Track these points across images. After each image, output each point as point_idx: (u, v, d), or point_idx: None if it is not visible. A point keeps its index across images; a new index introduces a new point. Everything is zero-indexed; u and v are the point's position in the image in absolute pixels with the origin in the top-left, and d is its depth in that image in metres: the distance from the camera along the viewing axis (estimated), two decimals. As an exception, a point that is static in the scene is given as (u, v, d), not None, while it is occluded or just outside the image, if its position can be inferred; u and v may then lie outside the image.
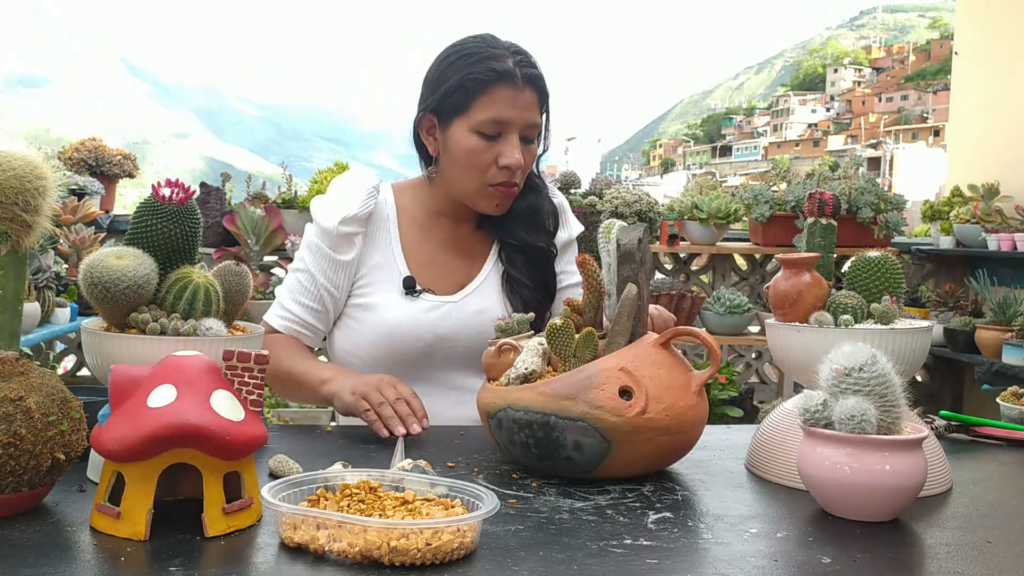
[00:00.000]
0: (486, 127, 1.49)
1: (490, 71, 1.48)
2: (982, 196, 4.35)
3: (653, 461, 1.14)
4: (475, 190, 1.54)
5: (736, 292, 4.01)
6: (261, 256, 3.89)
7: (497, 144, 1.50)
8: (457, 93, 1.50)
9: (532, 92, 1.51)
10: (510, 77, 1.49)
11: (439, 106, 1.54)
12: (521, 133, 1.51)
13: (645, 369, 1.11)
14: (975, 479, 1.22)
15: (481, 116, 1.49)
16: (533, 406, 1.10)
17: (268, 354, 0.99)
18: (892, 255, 1.25)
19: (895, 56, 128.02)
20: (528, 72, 1.51)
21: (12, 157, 0.93)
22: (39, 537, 0.88)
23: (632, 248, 1.17)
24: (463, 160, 1.52)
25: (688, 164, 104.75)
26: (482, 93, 1.49)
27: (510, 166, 1.50)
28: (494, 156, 1.50)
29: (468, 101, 1.50)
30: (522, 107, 1.50)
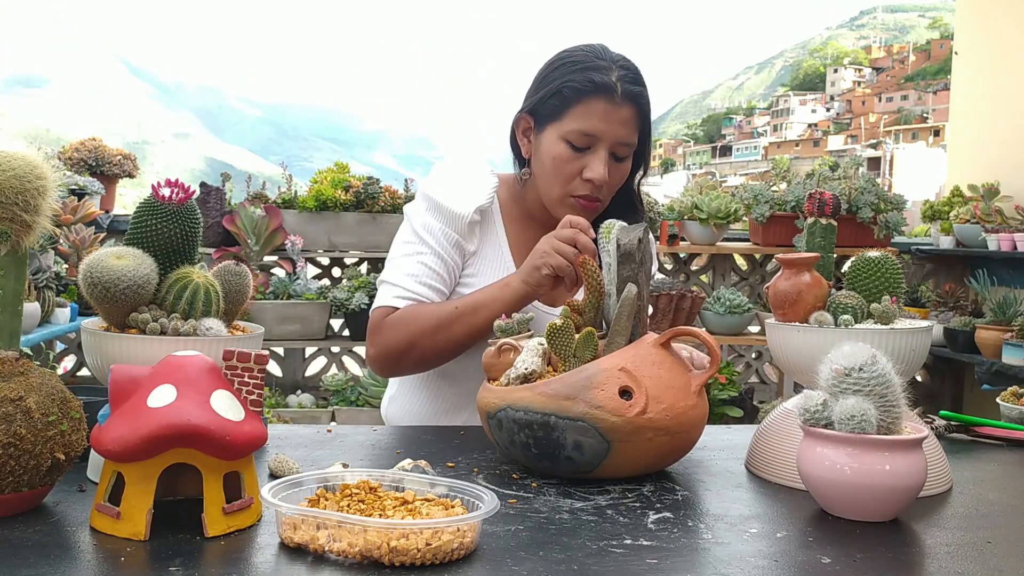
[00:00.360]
0: (576, 137, 1.47)
1: (588, 82, 1.45)
2: (982, 196, 4.36)
3: (653, 461, 1.14)
4: (557, 198, 1.52)
5: (736, 292, 4.02)
6: (261, 256, 3.89)
7: (585, 156, 1.47)
8: (554, 99, 1.48)
9: (630, 109, 1.47)
10: (608, 91, 1.45)
11: (536, 109, 1.52)
12: (612, 149, 1.48)
13: (645, 369, 1.11)
14: (975, 479, 1.22)
15: (573, 125, 1.46)
16: (533, 406, 1.10)
17: (267, 354, 0.99)
18: (892, 255, 1.25)
19: (895, 56, 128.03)
20: (629, 89, 1.47)
21: (12, 157, 0.93)
22: (39, 537, 0.88)
23: (632, 248, 1.17)
24: (549, 166, 1.50)
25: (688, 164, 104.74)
26: (577, 102, 1.46)
27: (593, 180, 1.47)
28: (580, 167, 1.48)
29: (563, 108, 1.47)
30: (616, 123, 1.46)
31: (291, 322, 3.83)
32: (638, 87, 1.48)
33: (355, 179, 4.08)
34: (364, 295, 3.88)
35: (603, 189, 1.49)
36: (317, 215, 3.96)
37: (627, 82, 1.47)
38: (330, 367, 4.48)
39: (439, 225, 1.53)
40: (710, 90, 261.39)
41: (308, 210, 3.95)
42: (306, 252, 3.98)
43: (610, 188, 1.52)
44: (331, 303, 3.91)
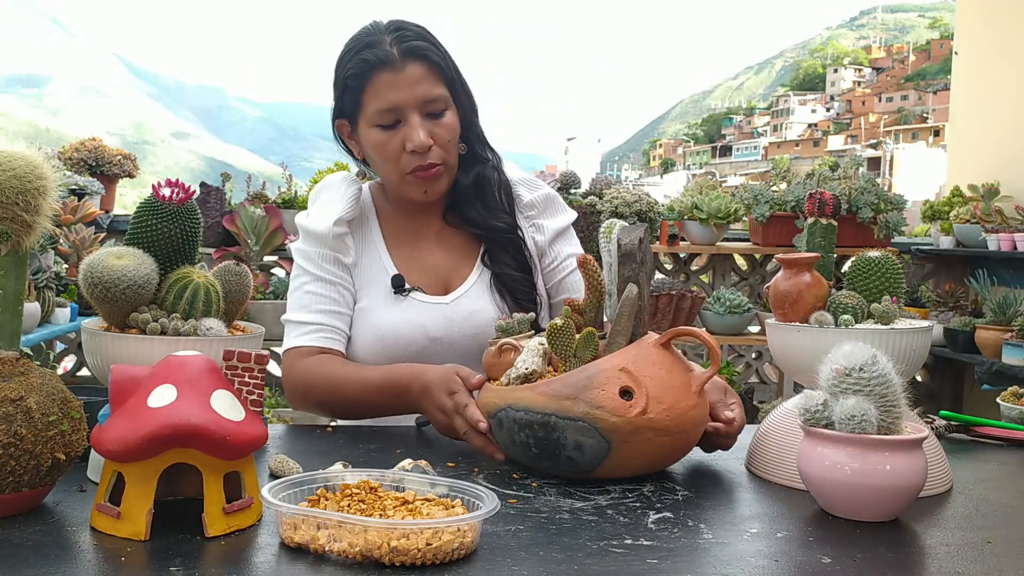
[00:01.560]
0: (380, 118, 1.46)
1: (363, 62, 1.45)
2: (982, 196, 4.36)
3: (653, 461, 1.14)
4: (397, 182, 1.51)
5: (736, 292, 4.01)
6: (261, 256, 3.89)
7: (400, 130, 1.46)
8: (346, 94, 1.49)
9: (417, 65, 1.45)
10: (385, 61, 1.44)
11: (342, 110, 1.53)
12: (422, 111, 1.46)
13: (646, 369, 1.10)
14: (975, 479, 1.22)
15: (372, 109, 1.46)
16: (534, 406, 1.10)
17: (267, 354, 0.99)
18: (892, 255, 1.25)
19: (895, 56, 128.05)
20: (406, 47, 1.45)
21: (12, 157, 0.93)
22: (39, 537, 0.88)
23: (633, 248, 1.17)
24: (375, 156, 1.51)
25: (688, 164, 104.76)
26: (366, 87, 1.45)
27: (416, 149, 1.45)
28: (400, 143, 1.46)
29: (357, 99, 1.47)
30: (407, 85, 1.44)
31: (291, 322, 3.82)
32: (415, 42, 1.46)
33: (355, 180, 4.07)
34: (364, 295, 3.88)
35: (433, 152, 1.47)
36: (317, 215, 3.95)
37: (401, 42, 1.45)
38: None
39: (313, 249, 1.53)
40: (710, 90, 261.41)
41: (308, 210, 3.94)
42: (306, 252, 3.97)
43: (443, 146, 1.49)
44: (331, 303, 3.90)
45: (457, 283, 1.57)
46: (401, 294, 1.53)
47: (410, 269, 1.56)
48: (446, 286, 1.57)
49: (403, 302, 1.52)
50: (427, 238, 1.60)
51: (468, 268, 1.59)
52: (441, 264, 1.58)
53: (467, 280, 1.58)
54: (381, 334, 1.50)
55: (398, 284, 1.53)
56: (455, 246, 1.60)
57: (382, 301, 1.53)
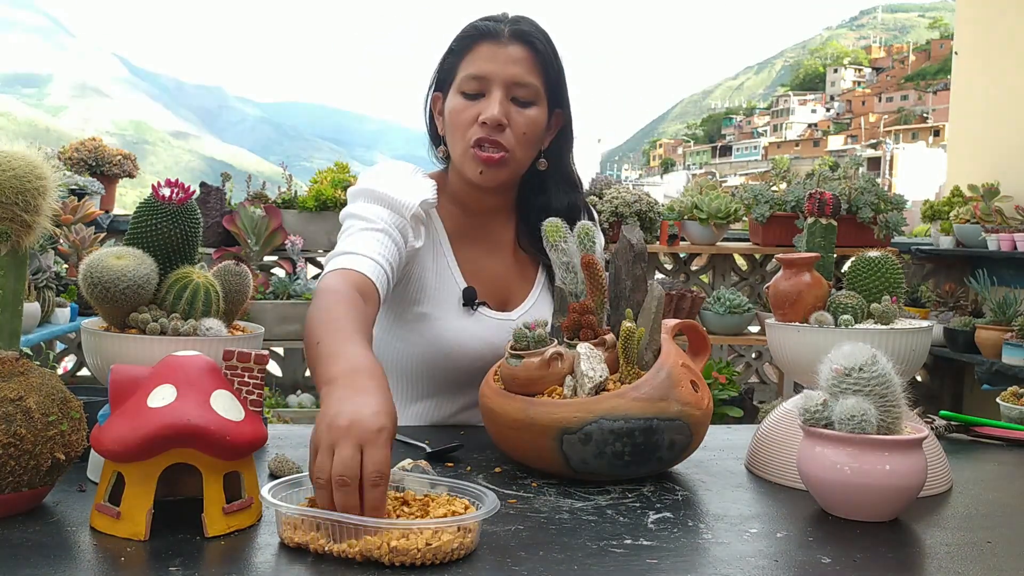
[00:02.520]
0: (467, 84, 1.43)
1: (473, 29, 1.45)
2: (982, 196, 4.36)
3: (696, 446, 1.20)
4: (461, 153, 1.45)
5: (736, 292, 4.02)
6: (261, 256, 3.89)
7: (480, 102, 1.42)
8: (448, 59, 1.48)
9: (519, 47, 1.42)
10: (493, 34, 1.42)
11: (439, 78, 1.50)
12: (509, 92, 1.42)
13: (684, 359, 1.17)
14: (975, 479, 1.22)
15: (463, 74, 1.44)
16: (632, 413, 1.07)
17: (267, 354, 0.99)
18: (892, 255, 1.25)
19: (895, 56, 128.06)
20: (515, 29, 1.43)
21: (12, 157, 0.93)
22: (39, 537, 0.88)
23: (642, 248, 1.21)
24: (449, 122, 1.46)
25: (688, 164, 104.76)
26: (466, 52, 1.44)
27: (487, 120, 1.39)
28: (475, 114, 1.42)
29: (455, 65, 1.46)
30: (504, 61, 1.41)
31: (291, 322, 3.83)
32: (526, 27, 1.44)
33: (355, 179, 4.07)
34: (364, 295, 3.88)
35: (505, 135, 1.41)
36: (317, 215, 3.95)
37: (514, 25, 1.44)
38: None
39: (386, 212, 1.39)
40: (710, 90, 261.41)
41: (308, 210, 3.95)
42: (306, 252, 3.98)
43: (517, 136, 1.43)
44: (331, 303, 3.90)
45: (517, 298, 1.54)
46: (471, 308, 1.48)
47: (475, 279, 1.51)
48: (505, 300, 1.53)
49: (472, 316, 1.48)
50: (493, 250, 1.55)
51: (529, 283, 1.56)
52: (503, 278, 1.55)
53: (529, 296, 1.55)
54: (448, 347, 1.45)
55: (470, 298, 1.48)
56: (518, 261, 1.57)
57: (450, 312, 1.47)
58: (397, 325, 1.50)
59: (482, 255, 1.54)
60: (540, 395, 1.13)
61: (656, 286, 1.16)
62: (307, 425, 1.73)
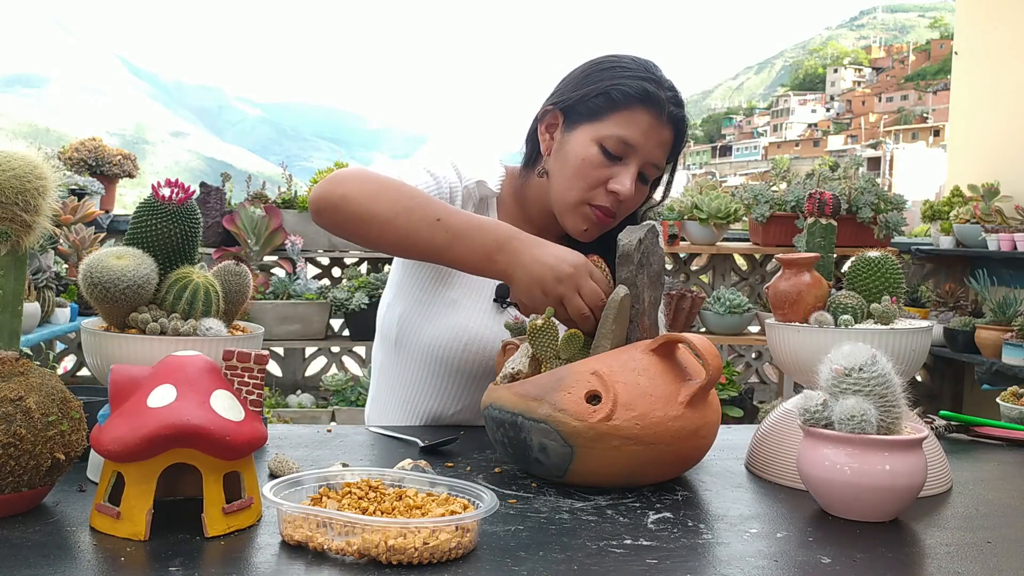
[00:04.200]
0: (613, 144, 1.38)
1: (642, 90, 1.38)
2: (982, 196, 4.36)
3: (627, 472, 1.08)
4: (573, 203, 1.41)
5: (736, 292, 4.02)
6: (261, 256, 3.90)
7: (615, 166, 1.39)
8: (599, 99, 1.40)
9: (670, 132, 1.41)
10: (658, 105, 1.38)
11: (573, 106, 1.43)
12: (643, 168, 1.40)
13: (621, 374, 1.06)
14: (975, 479, 1.22)
15: (613, 131, 1.38)
16: (506, 405, 1.10)
17: (267, 354, 0.99)
18: (892, 255, 1.25)
19: (895, 56, 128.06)
20: (674, 112, 1.41)
21: (12, 157, 0.93)
22: (39, 537, 0.88)
23: (630, 250, 1.14)
24: (573, 168, 1.40)
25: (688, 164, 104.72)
26: (624, 108, 1.38)
27: (619, 193, 1.38)
28: (607, 176, 1.39)
29: (606, 111, 1.39)
30: (656, 141, 1.39)
31: (291, 322, 3.83)
32: (684, 113, 1.43)
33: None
34: (364, 295, 3.88)
35: (623, 205, 1.41)
36: (317, 215, 3.95)
37: (673, 104, 1.41)
38: (330, 367, 4.48)
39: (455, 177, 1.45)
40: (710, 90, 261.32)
41: (308, 210, 3.94)
42: (306, 252, 3.98)
43: (628, 208, 1.44)
44: (331, 303, 3.91)
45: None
46: (502, 306, 1.48)
47: None
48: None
49: (499, 314, 1.47)
50: None
51: None
52: None
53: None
54: (468, 337, 1.45)
55: (502, 295, 1.47)
56: None
57: (479, 305, 1.47)
58: (425, 303, 1.49)
59: None
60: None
61: (619, 290, 1.12)
62: (307, 425, 1.73)
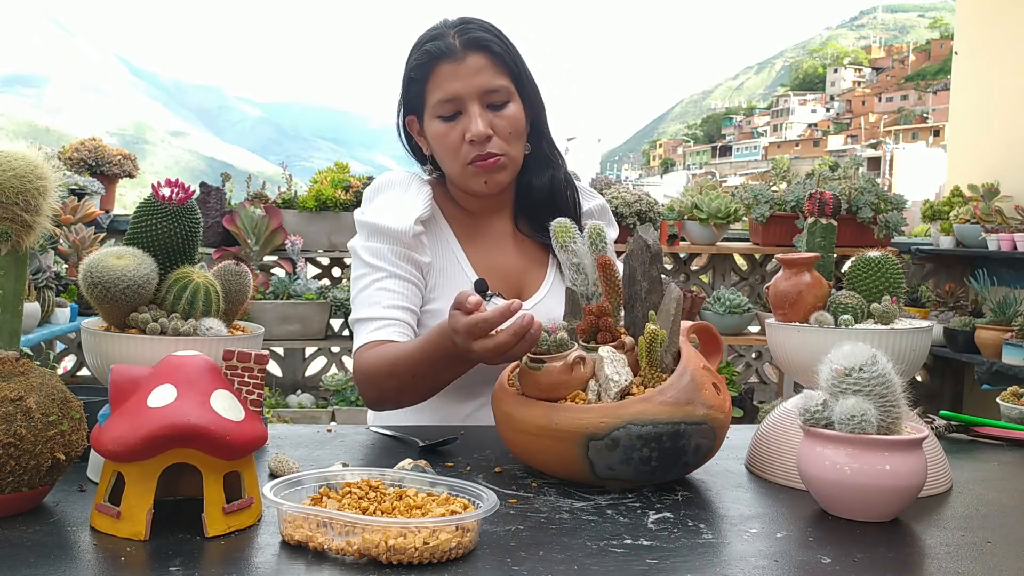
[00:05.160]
0: (441, 109, 1.47)
1: (425, 54, 1.46)
2: (982, 196, 4.36)
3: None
4: (458, 173, 1.50)
5: (736, 292, 4.02)
6: (261, 256, 3.89)
7: (460, 120, 1.46)
8: (412, 87, 1.50)
9: (478, 55, 1.46)
10: (446, 52, 1.45)
11: (409, 105, 1.53)
12: (482, 101, 1.46)
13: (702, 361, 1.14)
14: (975, 479, 1.22)
15: (434, 99, 1.47)
16: (660, 417, 1.05)
17: (267, 354, 0.99)
18: (892, 255, 1.25)
19: (895, 56, 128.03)
20: (467, 38, 1.46)
21: (12, 157, 0.93)
22: (39, 537, 0.88)
23: (659, 249, 1.18)
24: (439, 148, 1.50)
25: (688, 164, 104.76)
26: (428, 77, 1.47)
27: (474, 138, 1.44)
28: (460, 133, 1.46)
29: (422, 91, 1.49)
30: (467, 75, 1.45)
31: (291, 322, 3.83)
32: (477, 33, 1.47)
33: (355, 179, 4.07)
34: (364, 295, 3.88)
35: (493, 142, 1.46)
36: (317, 215, 3.95)
37: (463, 35, 1.46)
38: (330, 367, 4.48)
39: (386, 246, 1.49)
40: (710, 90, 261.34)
41: (308, 210, 3.95)
42: (306, 252, 3.98)
43: (504, 138, 1.47)
44: (331, 303, 3.91)
45: (530, 288, 1.57)
46: (484, 299, 1.47)
47: (486, 273, 1.54)
48: (519, 291, 1.56)
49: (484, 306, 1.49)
50: (499, 241, 1.59)
51: (540, 274, 1.59)
52: (514, 268, 1.57)
53: (542, 287, 1.57)
54: None
55: (482, 289, 1.50)
56: (526, 251, 1.59)
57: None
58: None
59: (490, 248, 1.58)
60: (562, 400, 1.09)
61: (674, 287, 1.14)
62: (307, 425, 1.73)
